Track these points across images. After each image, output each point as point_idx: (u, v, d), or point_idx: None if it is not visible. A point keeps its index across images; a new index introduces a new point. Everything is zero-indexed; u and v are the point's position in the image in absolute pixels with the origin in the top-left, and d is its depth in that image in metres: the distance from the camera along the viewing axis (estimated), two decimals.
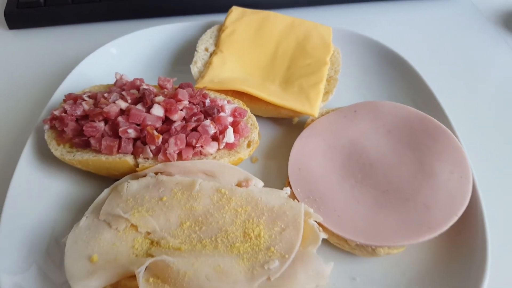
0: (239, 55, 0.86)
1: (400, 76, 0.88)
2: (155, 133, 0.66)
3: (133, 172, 0.68)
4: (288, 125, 0.84)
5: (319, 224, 0.63)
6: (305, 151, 0.73)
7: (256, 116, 0.78)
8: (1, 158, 0.78)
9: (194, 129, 0.69)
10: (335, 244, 0.65)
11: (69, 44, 1.04)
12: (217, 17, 0.98)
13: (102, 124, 0.68)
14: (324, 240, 0.64)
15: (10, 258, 0.60)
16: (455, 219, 0.62)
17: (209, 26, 0.95)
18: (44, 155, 0.72)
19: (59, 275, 0.61)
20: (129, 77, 0.78)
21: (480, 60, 1.01)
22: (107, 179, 0.71)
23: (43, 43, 1.04)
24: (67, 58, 0.98)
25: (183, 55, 0.93)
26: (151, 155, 0.67)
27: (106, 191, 0.66)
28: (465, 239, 0.63)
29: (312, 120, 0.78)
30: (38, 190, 0.69)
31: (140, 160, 0.68)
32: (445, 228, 0.61)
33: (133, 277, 0.55)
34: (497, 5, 1.18)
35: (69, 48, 1.02)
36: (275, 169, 0.77)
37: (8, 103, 0.89)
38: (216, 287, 0.52)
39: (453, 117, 0.76)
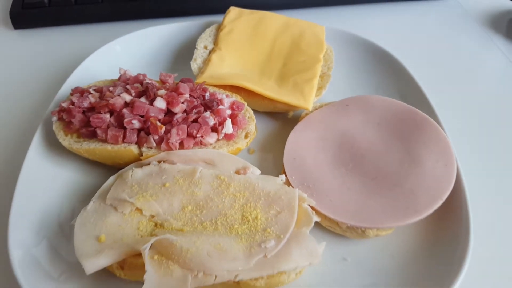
0: (237, 52, 0.90)
1: (389, 72, 0.92)
2: (158, 123, 0.70)
3: (137, 160, 0.72)
4: (283, 119, 0.88)
5: (312, 208, 0.67)
6: (299, 142, 0.77)
7: (253, 110, 0.82)
8: (11, 149, 0.82)
9: (195, 121, 0.73)
10: (327, 227, 0.69)
11: (72, 43, 1.07)
12: (216, 18, 1.02)
13: (107, 115, 0.72)
14: (316, 224, 0.68)
15: (20, 238, 0.63)
16: (440, 203, 0.66)
17: (208, 25, 0.99)
18: (52, 145, 0.75)
19: (68, 254, 0.64)
20: (132, 73, 0.82)
21: (467, 58, 1.06)
22: (112, 168, 0.75)
23: (47, 43, 1.08)
24: (70, 57, 1.02)
25: (183, 53, 0.97)
26: (154, 144, 0.71)
27: (111, 178, 0.70)
28: (449, 222, 0.67)
29: (306, 114, 0.82)
30: (47, 178, 0.72)
31: (144, 149, 0.71)
32: (430, 211, 0.65)
33: (139, 255, 0.58)
34: (483, 7, 1.23)
35: (73, 47, 1.06)
36: (271, 160, 0.80)
37: (15, 99, 0.92)
38: (217, 263, 0.56)
39: (439, 110, 0.80)
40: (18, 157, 0.77)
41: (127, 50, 0.96)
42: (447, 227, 0.67)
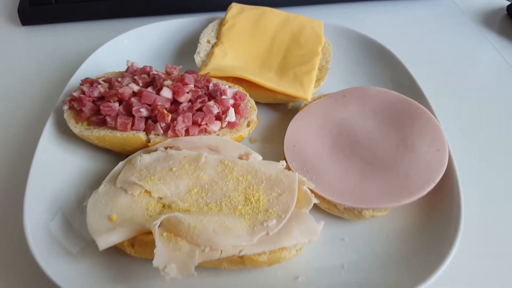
0: (239, 46, 0.93)
1: (384, 64, 0.96)
2: (165, 111, 0.74)
3: (145, 147, 0.76)
4: (283, 110, 0.91)
5: (312, 191, 0.70)
6: (299, 130, 0.81)
7: (254, 102, 0.85)
8: (24, 136, 0.86)
9: (199, 110, 0.76)
10: (326, 210, 0.72)
11: (79, 39, 1.11)
12: (218, 15, 1.05)
13: (116, 104, 0.75)
14: (315, 206, 0.71)
15: (35, 217, 0.67)
16: (432, 185, 0.69)
17: (210, 21, 1.02)
18: (63, 132, 0.79)
19: (80, 233, 0.68)
20: (139, 65, 0.86)
21: (461, 53, 1.10)
22: (120, 155, 0.78)
23: (55, 39, 1.11)
24: (77, 52, 1.04)
25: (187, 47, 1.01)
26: (161, 131, 0.75)
27: (121, 163, 0.73)
28: (442, 203, 0.70)
29: (306, 104, 0.86)
30: (58, 163, 0.76)
31: (151, 136, 0.75)
32: (424, 193, 0.69)
33: (148, 233, 0.62)
34: (477, 4, 1.27)
35: (80, 43, 1.09)
36: (272, 149, 0.83)
37: (25, 91, 0.96)
38: (222, 239, 0.60)
39: (432, 100, 0.84)
40: (31, 144, 0.80)
41: (133, 44, 0.99)
42: (440, 208, 0.70)
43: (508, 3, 1.25)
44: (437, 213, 0.70)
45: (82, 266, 0.64)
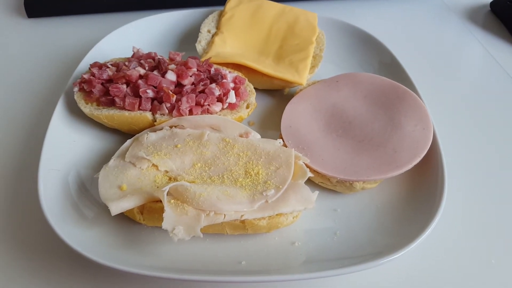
0: (237, 35, 0.99)
1: (373, 52, 1.03)
2: (170, 92, 0.79)
3: (151, 126, 0.81)
4: (280, 96, 0.97)
5: (306, 165, 0.75)
6: (295, 112, 0.86)
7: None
8: (36, 118, 0.92)
9: (202, 92, 0.82)
10: (319, 183, 0.78)
11: (84, 31, 1.16)
12: (218, 9, 1.10)
13: (124, 86, 0.80)
14: (310, 181, 0.77)
15: (49, 191, 0.71)
16: (418, 159, 0.75)
17: (211, 13, 1.08)
18: (73, 113, 0.84)
19: (91, 204, 0.73)
20: (144, 51, 0.91)
21: (447, 45, 1.17)
22: (127, 135, 0.83)
23: (60, 30, 1.17)
24: (83, 44, 1.10)
25: (189, 37, 1.07)
26: (166, 111, 0.80)
27: (129, 141, 0.78)
28: (427, 176, 0.76)
29: (301, 90, 0.92)
30: (68, 141, 0.80)
31: (157, 116, 0.80)
32: (410, 166, 0.74)
33: (156, 201, 0.67)
34: (463, 1, 1.35)
35: (85, 34, 1.14)
36: (269, 132, 0.89)
37: (35, 77, 1.01)
38: (225, 205, 0.65)
39: (418, 83, 0.90)
40: (43, 123, 0.85)
41: (138, 34, 1.05)
42: (425, 181, 0.76)
43: None
44: (423, 185, 0.76)
45: (94, 233, 0.69)
